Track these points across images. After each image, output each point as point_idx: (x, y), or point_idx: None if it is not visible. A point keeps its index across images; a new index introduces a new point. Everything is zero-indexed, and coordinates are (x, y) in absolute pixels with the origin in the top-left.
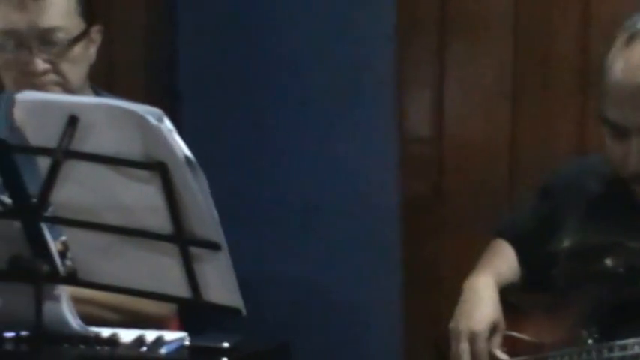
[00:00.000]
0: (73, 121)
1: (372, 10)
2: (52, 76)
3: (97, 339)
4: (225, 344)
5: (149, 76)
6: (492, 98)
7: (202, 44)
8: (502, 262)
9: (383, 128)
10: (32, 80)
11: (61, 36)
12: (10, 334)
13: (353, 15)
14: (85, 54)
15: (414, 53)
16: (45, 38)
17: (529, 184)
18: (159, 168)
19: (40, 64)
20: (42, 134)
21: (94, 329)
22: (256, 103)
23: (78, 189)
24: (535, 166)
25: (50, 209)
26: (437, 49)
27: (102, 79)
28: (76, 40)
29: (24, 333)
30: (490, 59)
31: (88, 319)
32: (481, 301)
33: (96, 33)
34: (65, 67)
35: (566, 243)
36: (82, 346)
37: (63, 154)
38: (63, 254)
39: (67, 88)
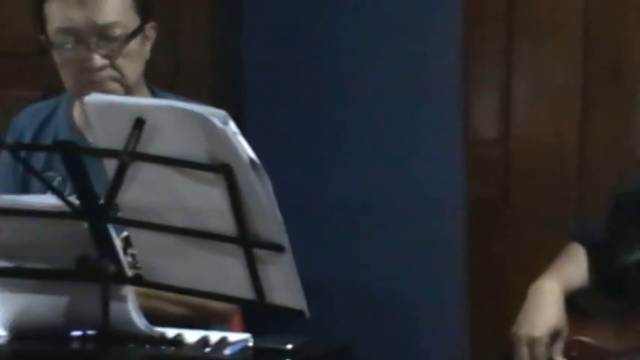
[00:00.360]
0: (139, 124)
1: (438, 9)
2: (109, 72)
3: (162, 339)
4: (289, 346)
5: (214, 77)
6: (561, 99)
7: (267, 45)
8: (573, 268)
9: (449, 129)
10: (90, 76)
11: (117, 31)
12: (76, 334)
13: (419, 15)
14: (141, 50)
15: (481, 53)
16: (102, 34)
17: (599, 186)
18: (224, 170)
19: (98, 60)
20: (109, 136)
21: (159, 329)
22: (320, 103)
23: (143, 190)
24: (605, 168)
25: (116, 210)
26: (504, 49)
27: (167, 79)
28: (132, 35)
29: (90, 332)
30: (559, 59)
31: (155, 313)
32: (544, 307)
33: (150, 29)
34: (122, 62)
35: (638, 255)
36: (147, 346)
37: (129, 156)
38: (124, 250)
39: (124, 84)
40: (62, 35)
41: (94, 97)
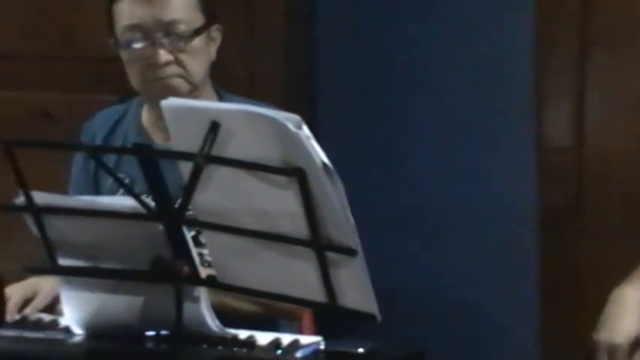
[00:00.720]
0: (214, 127)
1: (511, 19)
2: (174, 68)
3: (235, 340)
4: (361, 350)
5: (288, 81)
6: (636, 107)
7: (340, 49)
8: None
9: (521, 137)
10: (155, 72)
11: (182, 28)
12: (150, 333)
13: (492, 24)
14: (205, 49)
15: (554, 62)
16: (167, 30)
17: None
18: (297, 174)
19: (163, 55)
20: (184, 139)
21: (232, 331)
22: (392, 109)
23: (218, 193)
24: None
25: (191, 212)
26: (578, 59)
27: (243, 86)
28: (196, 32)
29: (164, 332)
30: (634, 67)
31: (225, 309)
32: (625, 314)
33: (216, 31)
34: (186, 59)
35: None
36: (219, 347)
37: (204, 158)
38: None
39: (189, 81)
40: (129, 33)
41: (170, 101)
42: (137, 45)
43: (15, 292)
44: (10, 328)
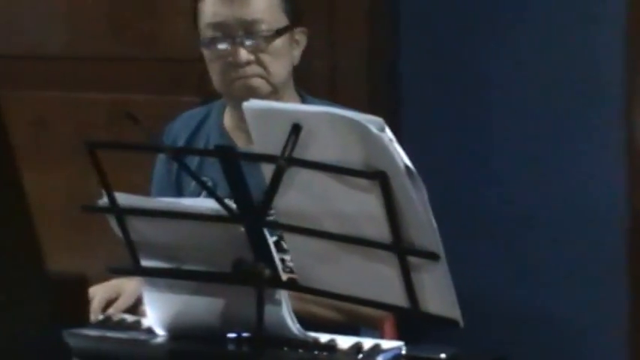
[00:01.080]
0: (296, 129)
1: (601, 18)
2: (254, 68)
3: (315, 344)
4: (442, 355)
5: (371, 84)
6: None
7: (423, 52)
8: None
9: (611, 140)
10: (236, 72)
11: (263, 28)
12: (232, 335)
13: (582, 23)
14: (288, 51)
15: None
16: (248, 30)
17: None
18: (379, 177)
19: (244, 55)
20: (266, 141)
21: (312, 334)
22: (477, 110)
23: (299, 195)
24: None
25: (272, 215)
26: None
27: (324, 88)
28: (278, 33)
29: (245, 335)
30: None
31: (305, 316)
32: None
33: (300, 34)
34: (267, 59)
35: None
36: (300, 351)
37: (286, 161)
38: None
39: (269, 82)
40: (210, 31)
41: (251, 103)
42: (218, 44)
43: (98, 292)
44: (93, 328)
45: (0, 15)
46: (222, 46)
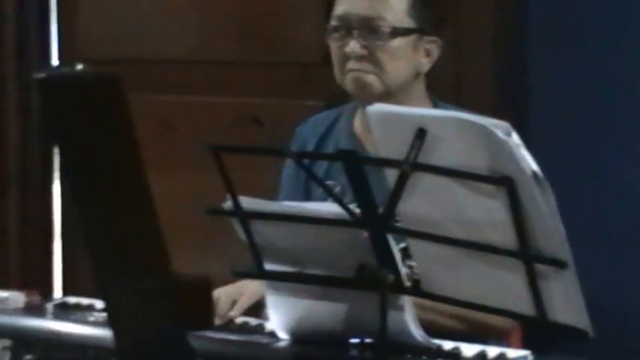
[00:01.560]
0: (421, 134)
1: None
2: (367, 64)
3: (439, 351)
4: None
5: (497, 89)
6: None
7: (553, 55)
8: None
9: None
10: (348, 64)
11: (381, 25)
12: (354, 341)
13: None
14: (409, 54)
15: None
16: (366, 25)
17: None
18: (505, 182)
19: (357, 48)
20: (390, 145)
21: (436, 342)
22: (607, 116)
23: (423, 201)
24: None
25: (396, 220)
26: None
27: (449, 91)
28: (397, 33)
29: (368, 340)
30: None
31: (427, 325)
32: None
33: (432, 44)
34: (383, 57)
35: None
36: (424, 358)
37: (410, 166)
38: (401, 261)
39: (383, 80)
40: (335, 22)
41: (376, 107)
42: (335, 34)
43: (223, 294)
44: (217, 330)
45: (129, 20)
46: (337, 36)
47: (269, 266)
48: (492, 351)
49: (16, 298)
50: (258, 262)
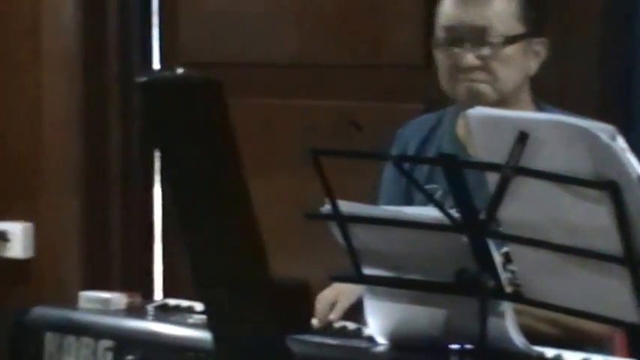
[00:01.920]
0: (522, 138)
1: None
2: (480, 74)
3: (541, 359)
4: None
5: (602, 90)
6: None
7: None
8: None
9: None
10: (460, 75)
11: (493, 34)
12: (454, 347)
13: None
14: (521, 60)
15: None
16: (479, 35)
17: None
18: (610, 187)
19: (470, 59)
20: (491, 149)
21: (538, 349)
22: None
23: (525, 206)
24: None
25: (496, 224)
26: None
27: (552, 93)
28: (509, 41)
29: (468, 346)
30: None
31: (527, 332)
32: None
33: (539, 45)
34: (496, 66)
35: None
36: None
37: (511, 170)
38: (503, 266)
39: (496, 88)
40: (442, 33)
41: (476, 111)
42: (446, 46)
43: (322, 298)
44: (315, 334)
45: (229, 24)
46: (450, 49)
47: (367, 270)
48: (596, 359)
49: (118, 299)
50: (356, 267)
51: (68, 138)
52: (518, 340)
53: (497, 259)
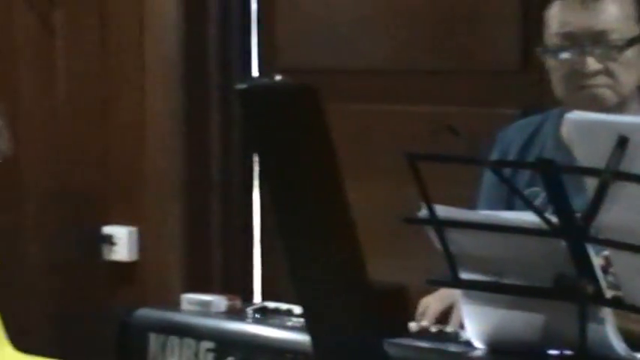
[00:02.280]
0: (622, 142)
1: None
2: (602, 78)
3: None
4: None
5: None
6: None
7: None
8: None
9: None
10: (581, 81)
11: (613, 37)
12: (553, 353)
13: None
14: (636, 62)
15: None
16: (598, 39)
17: None
18: None
19: (592, 64)
20: (590, 154)
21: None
22: None
23: (624, 211)
24: None
25: (595, 229)
26: None
27: None
28: (629, 43)
29: (567, 352)
30: None
31: (628, 335)
32: None
33: None
34: (617, 69)
35: None
36: None
37: (611, 175)
38: (604, 270)
39: (618, 92)
40: (557, 40)
41: (574, 115)
42: (564, 53)
43: (432, 303)
44: (412, 338)
45: (326, 31)
46: (568, 55)
47: (464, 275)
48: None
49: (219, 302)
50: (453, 271)
51: (170, 146)
52: (619, 346)
53: (597, 263)
